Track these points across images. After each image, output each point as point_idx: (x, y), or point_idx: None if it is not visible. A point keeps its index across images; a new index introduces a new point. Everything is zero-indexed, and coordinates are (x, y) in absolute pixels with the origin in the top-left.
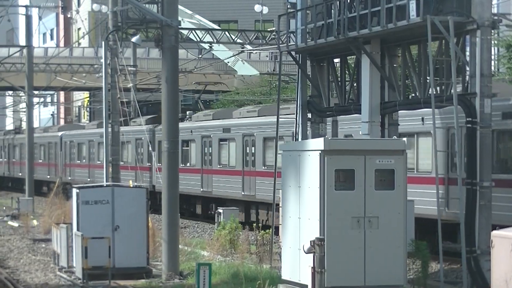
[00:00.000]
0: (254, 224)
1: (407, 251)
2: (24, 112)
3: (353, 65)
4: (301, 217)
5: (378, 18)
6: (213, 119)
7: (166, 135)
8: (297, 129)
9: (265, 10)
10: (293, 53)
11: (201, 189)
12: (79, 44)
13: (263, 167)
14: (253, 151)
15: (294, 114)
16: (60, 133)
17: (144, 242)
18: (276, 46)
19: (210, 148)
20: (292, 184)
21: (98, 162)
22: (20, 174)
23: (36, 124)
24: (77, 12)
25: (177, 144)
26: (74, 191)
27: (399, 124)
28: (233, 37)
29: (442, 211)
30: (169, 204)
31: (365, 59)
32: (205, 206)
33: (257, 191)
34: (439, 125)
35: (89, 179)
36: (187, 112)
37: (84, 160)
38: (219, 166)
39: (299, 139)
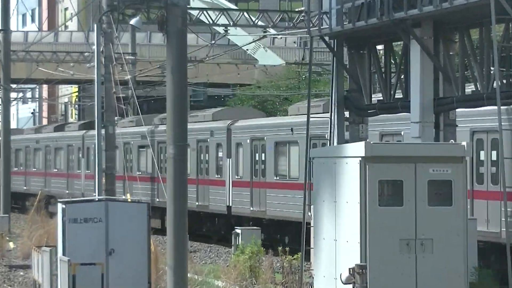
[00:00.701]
0: (280, 248)
1: (469, 281)
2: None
3: (400, 53)
4: (338, 239)
5: None
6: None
7: (171, 138)
8: (332, 131)
9: None
10: (326, 38)
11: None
12: (66, 27)
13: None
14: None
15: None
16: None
17: (145, 269)
18: (306, 29)
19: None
20: (326, 198)
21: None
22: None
23: (13, 124)
24: None
25: (185, 149)
26: (60, 206)
27: (457, 125)
28: (253, 18)
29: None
30: (176, 222)
31: (415, 46)
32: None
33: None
34: (506, 127)
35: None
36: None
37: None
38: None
39: (334, 143)
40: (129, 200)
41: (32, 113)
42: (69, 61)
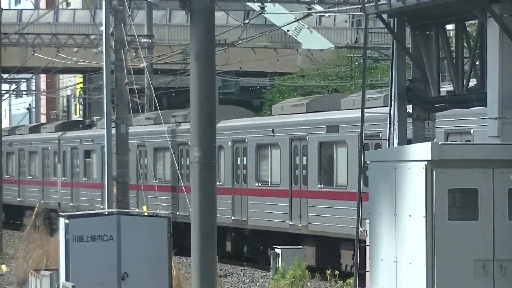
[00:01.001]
0: (329, 271)
1: None
2: None
3: (474, 34)
4: (399, 261)
5: None
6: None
7: (196, 139)
8: (391, 129)
9: None
10: (384, 16)
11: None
12: (68, 4)
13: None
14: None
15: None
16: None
17: None
18: (360, 6)
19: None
20: (385, 211)
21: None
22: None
23: (5, 122)
24: None
25: (213, 152)
26: (62, 221)
27: None
28: None
29: None
30: (202, 240)
31: (493, 25)
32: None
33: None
34: None
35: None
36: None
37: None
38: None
39: (394, 144)
40: (146, 213)
41: (27, 108)
42: (72, 45)
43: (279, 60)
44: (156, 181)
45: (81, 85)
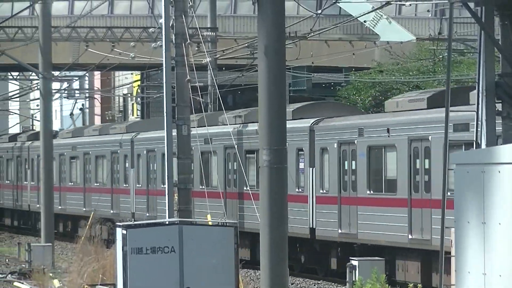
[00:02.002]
0: (410, 285)
1: None
2: (38, 107)
3: None
4: (487, 273)
5: None
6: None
7: (265, 140)
8: (478, 129)
9: None
10: (471, 4)
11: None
12: None
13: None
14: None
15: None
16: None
17: None
18: None
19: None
20: (472, 219)
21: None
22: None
23: (56, 124)
24: None
25: (284, 155)
26: (119, 232)
27: None
28: None
29: None
30: (272, 252)
31: None
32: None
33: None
34: None
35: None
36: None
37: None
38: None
39: (482, 145)
40: (210, 223)
41: (80, 109)
42: (129, 39)
43: (355, 54)
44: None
45: (139, 83)
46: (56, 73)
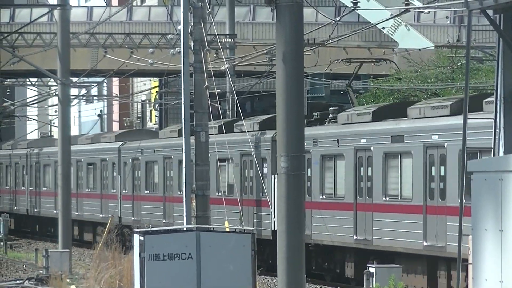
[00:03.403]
0: None
1: None
2: (56, 113)
3: None
4: (505, 281)
5: None
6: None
7: (283, 147)
8: (497, 136)
9: None
10: (490, 12)
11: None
12: (142, 1)
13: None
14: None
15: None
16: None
17: None
18: (463, 1)
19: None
20: (489, 226)
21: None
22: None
23: (74, 130)
24: None
25: (302, 162)
26: (137, 238)
27: None
28: None
29: None
30: (289, 259)
31: None
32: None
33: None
34: None
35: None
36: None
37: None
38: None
39: (500, 153)
40: (227, 229)
41: (99, 115)
42: (147, 46)
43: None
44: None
45: (157, 89)
46: (74, 79)
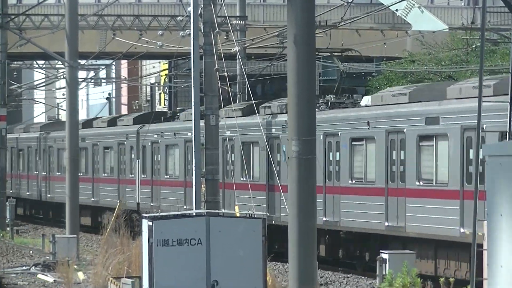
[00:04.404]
0: (442, 279)
1: None
2: (64, 96)
3: None
4: None
5: None
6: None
7: (294, 131)
8: None
9: None
10: None
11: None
12: None
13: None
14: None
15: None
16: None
17: None
18: None
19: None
20: (505, 211)
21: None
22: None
23: (82, 114)
24: None
25: (313, 146)
26: (145, 223)
27: None
28: None
29: None
30: (301, 245)
31: None
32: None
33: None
34: None
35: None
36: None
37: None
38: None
39: None
40: (238, 214)
41: (107, 98)
42: (156, 28)
43: (387, 44)
44: (250, 179)
45: (166, 72)
46: (82, 61)
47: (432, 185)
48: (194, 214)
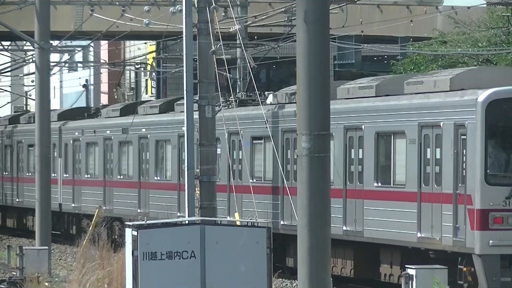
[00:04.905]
0: None
1: None
2: (33, 83)
3: None
4: None
5: None
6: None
7: (304, 125)
8: None
9: None
10: None
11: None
12: None
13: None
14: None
15: None
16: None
17: None
18: None
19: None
20: None
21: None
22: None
23: (55, 103)
24: None
25: (327, 142)
26: (129, 232)
27: None
28: None
29: None
30: (312, 257)
31: None
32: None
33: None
34: None
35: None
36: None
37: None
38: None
39: None
40: (238, 222)
41: (84, 85)
42: (142, 2)
43: (414, 22)
44: (253, 180)
45: (154, 55)
46: (55, 42)
47: None
48: (187, 222)
